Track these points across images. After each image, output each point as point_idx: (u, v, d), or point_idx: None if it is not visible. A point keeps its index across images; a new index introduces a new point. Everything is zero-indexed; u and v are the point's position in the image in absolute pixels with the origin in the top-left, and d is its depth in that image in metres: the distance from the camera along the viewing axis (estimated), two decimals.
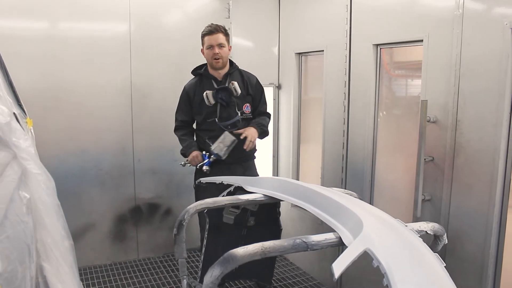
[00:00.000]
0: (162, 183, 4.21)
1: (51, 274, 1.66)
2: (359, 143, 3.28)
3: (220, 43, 3.16)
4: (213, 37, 3.15)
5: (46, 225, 1.65)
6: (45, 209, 1.63)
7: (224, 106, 3.19)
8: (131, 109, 3.99)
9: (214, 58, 3.17)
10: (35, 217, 1.60)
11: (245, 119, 3.28)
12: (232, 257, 1.66)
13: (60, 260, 1.71)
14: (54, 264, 1.69)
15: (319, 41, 3.65)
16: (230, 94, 3.17)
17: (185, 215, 2.29)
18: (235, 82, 3.18)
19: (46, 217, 1.65)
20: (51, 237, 1.68)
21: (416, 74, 3.29)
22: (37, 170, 1.58)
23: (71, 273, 1.77)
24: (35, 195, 1.58)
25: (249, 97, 3.29)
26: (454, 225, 2.54)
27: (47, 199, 1.64)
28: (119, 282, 3.73)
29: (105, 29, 3.86)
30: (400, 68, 3.32)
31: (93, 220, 3.94)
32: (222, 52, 3.16)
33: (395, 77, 3.29)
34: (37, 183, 1.58)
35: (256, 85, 3.34)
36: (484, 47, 2.33)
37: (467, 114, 2.44)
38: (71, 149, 3.81)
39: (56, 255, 1.70)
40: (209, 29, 3.17)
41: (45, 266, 1.66)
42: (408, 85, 3.36)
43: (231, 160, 3.19)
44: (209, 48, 3.17)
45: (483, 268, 2.40)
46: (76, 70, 3.74)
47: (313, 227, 3.84)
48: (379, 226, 1.79)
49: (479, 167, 2.39)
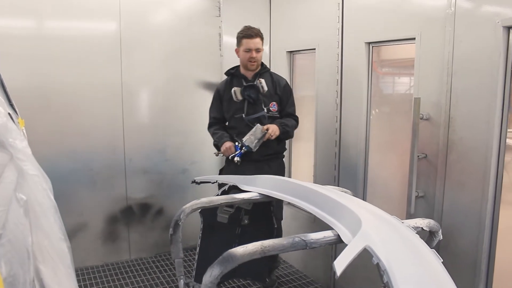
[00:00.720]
0: (153, 183, 4.19)
1: (48, 277, 1.64)
2: (352, 140, 3.30)
3: (258, 47, 3.28)
4: (252, 41, 3.26)
5: (43, 227, 1.62)
6: (42, 211, 1.61)
7: (251, 103, 3.29)
8: (122, 109, 3.95)
9: (249, 61, 3.28)
10: (32, 219, 1.58)
11: (271, 117, 3.34)
12: (231, 256, 1.66)
13: (58, 262, 1.69)
14: (51, 267, 1.67)
15: (311, 39, 3.65)
16: (257, 91, 3.27)
17: (181, 214, 2.29)
18: (263, 80, 3.27)
19: (43, 219, 1.62)
20: (48, 239, 1.65)
21: (403, 72, 3.34)
22: (34, 171, 1.56)
23: (69, 275, 1.74)
24: (31, 197, 1.56)
25: (276, 96, 3.37)
26: (447, 221, 2.57)
27: (44, 200, 1.62)
28: (112, 283, 3.70)
29: (96, 27, 3.82)
30: (387, 66, 3.34)
31: (84, 220, 3.90)
32: (258, 55, 3.30)
33: (382, 75, 3.32)
34: (33, 184, 1.56)
35: (284, 86, 3.41)
36: (476, 45, 2.35)
37: (459, 112, 2.47)
38: (61, 149, 3.76)
39: (53, 257, 1.68)
40: (249, 32, 3.28)
41: (41, 268, 1.63)
42: (395, 83, 3.39)
43: (258, 157, 3.27)
44: (246, 51, 3.28)
45: (476, 264, 2.43)
46: (66, 69, 3.70)
47: (307, 225, 3.86)
48: (377, 223, 1.80)
49: (472, 164, 2.42)
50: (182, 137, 4.26)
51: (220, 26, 4.28)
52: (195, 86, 4.26)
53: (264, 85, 3.25)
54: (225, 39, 4.32)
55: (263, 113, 3.30)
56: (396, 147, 3.12)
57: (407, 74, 3.33)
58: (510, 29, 2.23)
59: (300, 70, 4.07)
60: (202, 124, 4.33)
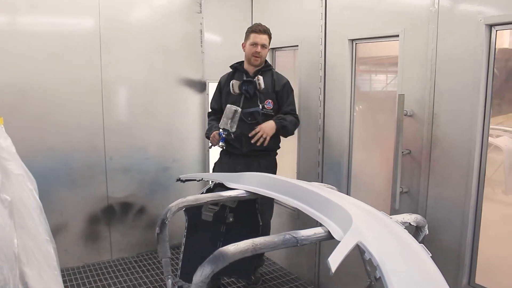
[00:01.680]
0: (135, 182, 4.12)
1: (33, 280, 1.59)
2: (336, 137, 3.32)
3: (264, 43, 3.34)
4: (259, 36, 3.32)
5: (28, 228, 1.58)
6: (27, 212, 1.57)
7: (247, 98, 3.34)
8: (102, 106, 3.87)
9: (254, 56, 3.33)
10: (17, 220, 1.53)
11: (265, 114, 3.36)
12: (223, 254, 1.64)
13: (43, 264, 1.64)
14: (37, 269, 1.62)
15: (294, 36, 3.66)
16: (255, 87, 3.31)
17: (167, 213, 2.26)
18: (261, 77, 3.31)
19: (29, 220, 1.58)
20: (34, 241, 1.61)
21: (380, 69, 3.37)
22: (18, 170, 1.51)
23: (55, 277, 1.70)
24: (16, 197, 1.51)
25: (273, 94, 3.40)
26: (431, 216, 2.60)
27: (29, 201, 1.58)
28: (93, 284, 3.63)
29: (74, 23, 3.72)
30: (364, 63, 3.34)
31: (64, 221, 3.82)
32: (263, 52, 3.36)
33: (360, 72, 3.33)
34: (18, 184, 1.52)
35: (284, 85, 3.43)
36: (460, 42, 2.39)
37: (443, 108, 2.50)
38: (39, 147, 3.67)
39: (39, 259, 1.63)
40: (258, 28, 3.35)
41: (26, 271, 1.58)
42: (372, 80, 3.41)
43: (247, 152, 3.34)
44: (253, 44, 3.33)
45: (460, 257, 2.48)
46: (44, 66, 3.60)
47: (290, 222, 3.87)
48: (367, 219, 1.81)
49: (455, 159, 2.46)
50: (163, 134, 4.21)
51: (201, 23, 4.23)
52: (176, 83, 4.21)
53: (262, 83, 3.28)
54: (206, 36, 4.28)
55: (257, 109, 3.32)
56: (379, 144, 3.15)
57: (384, 71, 3.38)
58: (492, 27, 2.27)
59: (282, 67, 4.06)
60: (184, 121, 4.32)
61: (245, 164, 3.34)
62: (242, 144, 3.34)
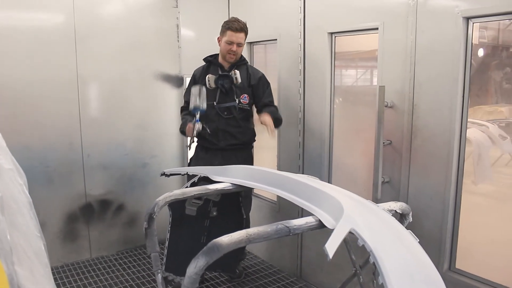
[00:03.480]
0: (113, 178, 4.06)
1: (24, 278, 1.55)
2: (316, 129, 3.36)
3: (240, 42, 3.29)
4: (235, 35, 3.26)
5: (19, 225, 1.54)
6: (18, 208, 1.53)
7: (223, 92, 3.32)
8: (78, 103, 3.79)
9: (229, 53, 3.31)
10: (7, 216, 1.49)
11: (241, 108, 3.36)
12: (217, 246, 1.65)
13: (35, 261, 1.61)
14: (28, 267, 1.58)
15: (272, 30, 3.67)
16: (231, 82, 3.29)
17: (154, 207, 2.24)
18: (238, 72, 3.28)
19: (19, 216, 1.54)
20: (24, 238, 1.57)
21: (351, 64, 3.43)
22: (8, 165, 1.48)
23: (46, 274, 1.67)
24: (7, 193, 1.47)
25: (249, 89, 3.39)
26: (412, 204, 2.66)
27: (19, 196, 1.54)
28: (74, 283, 3.57)
29: (48, 18, 3.62)
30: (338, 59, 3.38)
31: (41, 220, 3.61)
32: (239, 50, 3.33)
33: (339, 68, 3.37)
34: (9, 179, 1.48)
35: (260, 78, 3.42)
36: (438, 35, 2.45)
37: (423, 99, 2.57)
38: (14, 146, 3.42)
39: (30, 256, 1.59)
40: (235, 26, 3.27)
41: (17, 270, 1.54)
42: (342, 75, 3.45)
43: (224, 146, 3.33)
44: (228, 43, 3.28)
45: (441, 243, 2.56)
46: (16, 63, 3.49)
47: (271, 215, 3.89)
48: (357, 207, 1.85)
49: (435, 149, 2.53)
50: (141, 130, 4.16)
51: (177, 17, 4.20)
52: (153, 79, 4.17)
53: (238, 77, 3.27)
54: (183, 31, 4.25)
55: (233, 103, 3.31)
56: (360, 135, 3.21)
57: (354, 66, 3.44)
58: (469, 20, 2.34)
59: (260, 61, 4.08)
60: (162, 117, 4.27)
61: (222, 159, 3.33)
62: (219, 138, 3.34)
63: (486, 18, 2.32)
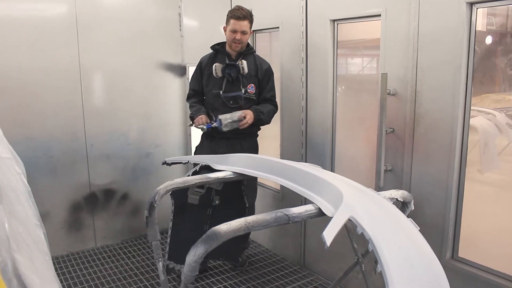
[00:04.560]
0: (117, 168, 4.07)
1: (24, 267, 1.56)
2: (319, 118, 3.34)
3: (244, 30, 3.27)
4: (238, 23, 3.24)
5: (17, 214, 1.55)
6: (16, 196, 1.54)
7: (229, 81, 3.31)
8: (81, 93, 3.79)
9: (234, 42, 3.29)
10: (5, 205, 1.50)
11: (248, 98, 3.35)
12: (216, 234, 1.64)
13: (34, 250, 1.62)
14: (27, 255, 1.60)
15: (274, 18, 3.64)
16: (238, 71, 3.28)
17: (155, 196, 2.24)
18: (245, 61, 3.28)
19: (17, 205, 1.55)
20: (23, 226, 1.58)
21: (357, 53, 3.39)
22: (6, 154, 1.48)
23: (46, 262, 1.68)
24: (4, 182, 1.48)
25: (256, 79, 3.38)
26: (415, 192, 2.65)
27: (17, 185, 1.54)
28: (79, 272, 3.60)
29: (49, 8, 3.61)
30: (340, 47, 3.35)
31: (46, 210, 3.75)
32: (244, 38, 3.29)
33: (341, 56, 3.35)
34: (6, 168, 1.48)
35: (266, 70, 3.42)
36: (441, 20, 2.41)
37: (425, 86, 2.54)
38: (17, 136, 3.56)
39: (29, 245, 1.61)
40: (238, 14, 3.25)
41: (17, 257, 1.56)
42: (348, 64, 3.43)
43: (229, 135, 3.30)
44: (232, 31, 3.27)
45: (444, 232, 2.54)
46: (19, 53, 3.49)
47: (274, 204, 3.89)
48: (357, 195, 1.84)
49: (438, 136, 2.51)
50: (144, 120, 4.16)
51: (179, 6, 4.17)
52: (156, 68, 4.16)
53: (245, 67, 3.27)
54: (185, 21, 4.22)
55: (239, 93, 3.30)
56: (363, 123, 3.18)
57: (360, 55, 3.41)
58: (473, 5, 2.30)
59: (263, 49, 4.05)
60: (165, 106, 4.27)
61: (227, 147, 3.33)
62: None
63: (490, 3, 2.27)
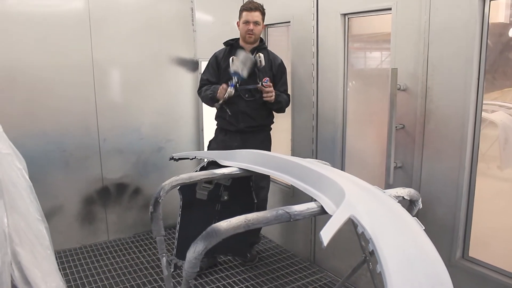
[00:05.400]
0: (129, 162, 4.11)
1: (26, 260, 1.59)
2: (329, 113, 3.30)
3: (256, 21, 3.31)
4: (250, 14, 3.30)
5: (19, 208, 1.57)
6: (17, 191, 1.55)
7: None
8: (94, 87, 3.83)
9: (248, 33, 3.32)
10: (7, 200, 1.51)
11: None
12: (215, 231, 1.64)
13: (36, 243, 1.64)
14: (29, 249, 1.62)
15: (285, 12, 3.60)
16: (254, 64, 3.28)
17: (160, 191, 2.25)
18: (262, 55, 3.30)
19: (19, 200, 1.57)
20: (25, 221, 1.60)
21: (374, 46, 3.33)
22: (6, 150, 1.49)
23: (48, 256, 1.70)
24: (5, 177, 1.50)
25: (270, 73, 3.41)
26: (425, 190, 2.61)
27: (18, 180, 1.56)
28: (91, 265, 3.65)
29: (62, 3, 3.64)
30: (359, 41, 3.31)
31: (59, 203, 3.81)
32: (256, 29, 3.33)
33: (354, 50, 3.30)
34: (7, 164, 1.50)
35: (279, 65, 3.46)
36: (452, 13, 2.35)
37: (436, 81, 2.48)
38: (31, 131, 3.63)
39: (31, 238, 1.63)
40: (249, 6, 3.33)
41: (19, 251, 1.58)
42: (367, 58, 3.38)
43: (243, 128, 3.35)
44: (245, 23, 3.32)
45: (454, 231, 2.49)
46: (32, 49, 3.53)
47: (285, 200, 3.87)
48: (360, 193, 1.80)
49: (449, 133, 2.45)
50: (156, 114, 4.18)
51: (192, 1, 4.17)
52: (168, 63, 4.16)
53: (263, 60, 3.28)
54: (198, 14, 4.21)
55: (256, 86, 3.31)
56: (373, 119, 3.13)
57: (378, 48, 3.35)
58: None
59: (274, 44, 4.02)
60: (177, 101, 4.28)
61: (241, 141, 3.36)
62: (238, 120, 3.36)
63: None
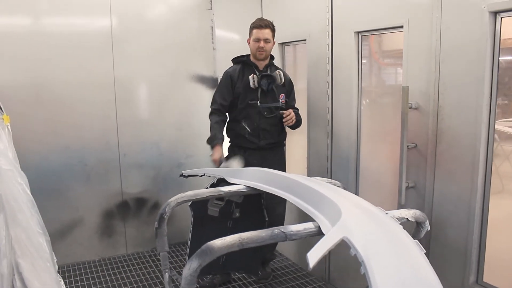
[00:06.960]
0: (148, 177, 4.18)
1: (26, 271, 1.64)
2: (344, 131, 3.27)
3: (266, 38, 3.36)
4: (261, 32, 3.35)
5: (20, 222, 1.63)
6: (17, 206, 1.61)
7: (264, 91, 3.38)
8: (115, 104, 3.94)
9: (258, 51, 3.37)
10: (8, 214, 1.57)
11: (281, 108, 3.45)
12: (209, 249, 1.66)
13: (36, 256, 1.69)
14: (30, 261, 1.67)
15: (302, 30, 3.62)
16: (273, 82, 3.37)
17: (166, 208, 2.28)
18: (281, 72, 3.42)
19: (19, 214, 1.63)
20: (25, 234, 1.66)
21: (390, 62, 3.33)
22: (8, 166, 1.55)
23: (47, 269, 1.75)
24: (7, 192, 1.56)
25: (284, 89, 3.48)
26: (437, 211, 2.54)
27: (19, 195, 1.61)
28: (108, 277, 3.71)
29: (86, 23, 3.78)
30: (389, 56, 3.31)
31: (80, 216, 3.91)
32: (267, 46, 3.38)
33: (384, 66, 3.29)
34: (8, 179, 1.56)
35: (289, 81, 3.56)
36: (464, 31, 2.31)
37: (448, 100, 2.43)
38: (54, 145, 3.76)
39: (31, 251, 1.68)
40: (260, 23, 3.38)
41: (20, 263, 1.64)
42: (397, 73, 3.35)
43: (264, 145, 3.42)
44: (255, 40, 3.37)
45: (467, 254, 2.40)
46: (56, 66, 3.68)
47: (300, 218, 3.83)
48: (358, 214, 1.77)
49: (461, 153, 2.39)
50: (176, 131, 4.25)
51: (212, 19, 4.25)
52: (188, 80, 4.24)
53: (282, 77, 3.37)
54: (217, 32, 4.29)
55: (277, 103, 3.38)
56: (387, 137, 3.09)
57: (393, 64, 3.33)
58: (497, 14, 2.19)
59: (291, 61, 4.04)
60: (196, 117, 4.33)
61: (261, 158, 3.39)
62: (259, 137, 3.40)
63: None
